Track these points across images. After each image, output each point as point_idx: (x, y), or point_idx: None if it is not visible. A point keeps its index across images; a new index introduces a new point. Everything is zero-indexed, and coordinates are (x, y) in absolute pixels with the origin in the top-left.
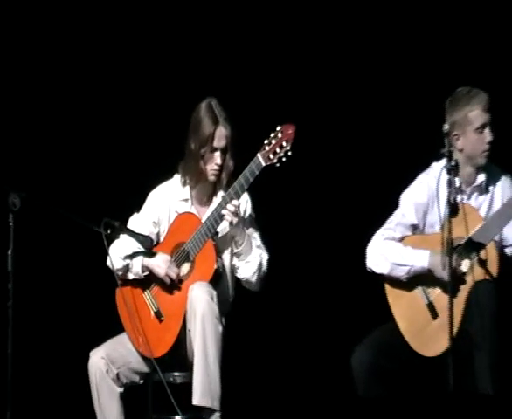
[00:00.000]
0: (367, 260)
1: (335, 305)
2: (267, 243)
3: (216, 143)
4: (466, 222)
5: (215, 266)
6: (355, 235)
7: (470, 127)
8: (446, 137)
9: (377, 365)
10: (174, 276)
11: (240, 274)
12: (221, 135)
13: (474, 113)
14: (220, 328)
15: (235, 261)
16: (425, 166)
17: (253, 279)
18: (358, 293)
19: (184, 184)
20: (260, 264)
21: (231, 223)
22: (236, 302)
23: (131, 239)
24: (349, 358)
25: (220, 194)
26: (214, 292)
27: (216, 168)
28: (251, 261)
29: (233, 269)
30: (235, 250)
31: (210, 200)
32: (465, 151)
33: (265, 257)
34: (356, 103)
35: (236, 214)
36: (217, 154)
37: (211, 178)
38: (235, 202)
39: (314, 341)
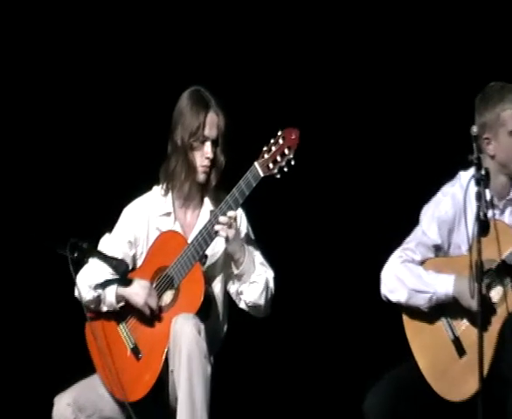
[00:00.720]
0: (381, 286)
1: (344, 340)
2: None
3: (207, 131)
4: (498, 241)
5: (203, 295)
6: (367, 256)
7: (503, 128)
8: (474, 141)
9: (394, 411)
10: (155, 305)
11: (246, 298)
12: (212, 122)
13: (509, 113)
14: (209, 369)
15: (236, 285)
16: (450, 176)
17: (261, 301)
18: (371, 326)
19: (166, 193)
20: (267, 282)
21: (226, 238)
22: (228, 337)
23: (103, 264)
24: (361, 403)
25: (208, 202)
26: (202, 326)
27: (206, 163)
28: (256, 280)
29: (227, 296)
30: (235, 272)
31: (197, 209)
32: (497, 158)
33: (270, 274)
34: (369, 101)
35: (231, 226)
36: (208, 144)
37: (201, 177)
38: (231, 212)
39: (320, 383)
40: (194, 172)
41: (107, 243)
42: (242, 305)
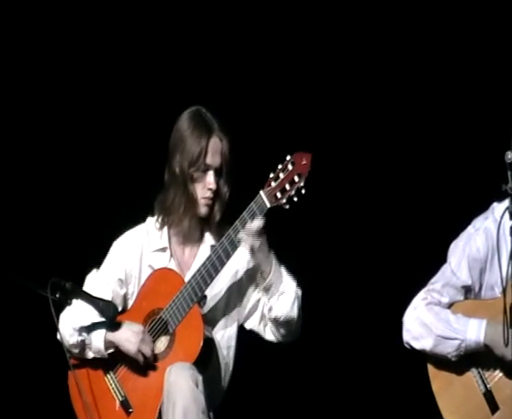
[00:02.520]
0: (404, 332)
1: (361, 392)
2: None
3: (209, 159)
4: None
5: (202, 342)
6: (388, 298)
7: None
8: (510, 169)
9: None
10: (149, 353)
11: (278, 313)
12: (216, 149)
13: None
14: None
15: (264, 299)
16: (483, 208)
17: (294, 313)
18: (393, 377)
19: (162, 226)
20: (297, 293)
21: (251, 248)
22: (233, 387)
23: (88, 306)
24: None
25: (208, 237)
26: (200, 377)
27: (208, 194)
28: (285, 291)
29: (233, 342)
30: (263, 285)
31: (196, 244)
32: None
33: (299, 292)
34: (388, 121)
35: (258, 235)
36: (211, 174)
37: (203, 210)
38: (257, 221)
39: None
40: (194, 205)
41: (95, 282)
42: (269, 334)
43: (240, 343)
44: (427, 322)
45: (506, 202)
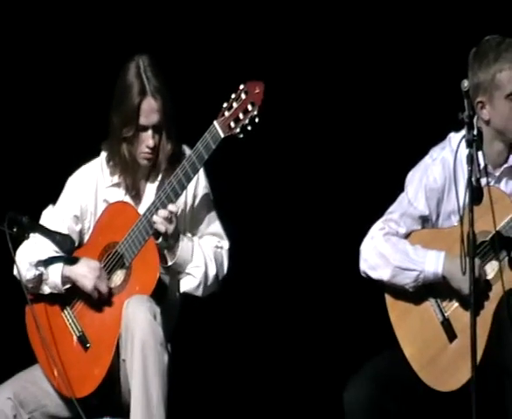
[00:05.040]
0: (361, 262)
1: (320, 322)
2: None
3: (143, 120)
4: (493, 211)
5: (158, 274)
6: (345, 227)
7: (499, 92)
8: (466, 97)
9: (378, 404)
10: (105, 289)
11: (181, 288)
12: (150, 109)
13: (505, 75)
14: (166, 358)
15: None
16: (439, 137)
17: (198, 293)
18: (350, 307)
19: (114, 169)
20: (206, 273)
21: (165, 234)
22: (185, 310)
23: (45, 240)
24: (340, 394)
25: (162, 171)
26: (158, 310)
27: (147, 150)
28: (192, 273)
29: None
30: (169, 263)
31: (150, 179)
32: (492, 123)
33: (225, 245)
34: (340, 55)
35: (171, 220)
36: (149, 133)
37: (143, 162)
38: (172, 207)
39: (295, 370)
40: (135, 160)
41: (51, 217)
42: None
43: None
44: (385, 253)
45: (463, 132)
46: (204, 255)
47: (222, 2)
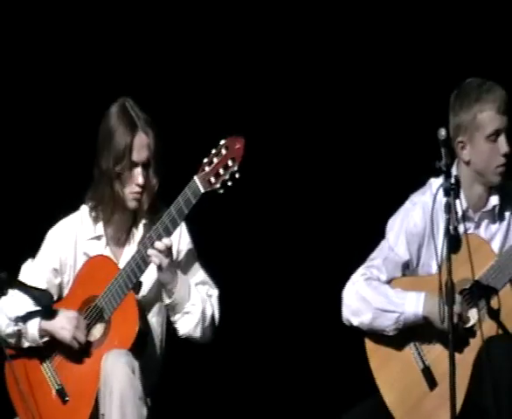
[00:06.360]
0: (343, 308)
1: (299, 371)
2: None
3: (135, 156)
4: (471, 260)
5: (137, 328)
6: (327, 275)
7: (480, 132)
8: (442, 146)
9: None
10: (83, 339)
11: (180, 330)
12: (142, 145)
13: (486, 115)
14: (145, 411)
15: (170, 313)
16: (420, 183)
17: (197, 334)
18: (331, 356)
19: (96, 219)
20: (203, 313)
21: (159, 267)
22: (167, 367)
23: (24, 295)
24: None
25: (142, 225)
26: (136, 363)
27: (137, 189)
28: (190, 310)
29: (164, 328)
30: (167, 302)
31: (129, 235)
32: (473, 164)
33: (214, 293)
34: (312, 101)
35: (167, 254)
36: (138, 170)
37: (131, 204)
38: (166, 240)
39: None
40: (123, 200)
41: (30, 271)
42: (179, 335)
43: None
44: (366, 296)
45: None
46: (201, 295)
47: (194, 58)
